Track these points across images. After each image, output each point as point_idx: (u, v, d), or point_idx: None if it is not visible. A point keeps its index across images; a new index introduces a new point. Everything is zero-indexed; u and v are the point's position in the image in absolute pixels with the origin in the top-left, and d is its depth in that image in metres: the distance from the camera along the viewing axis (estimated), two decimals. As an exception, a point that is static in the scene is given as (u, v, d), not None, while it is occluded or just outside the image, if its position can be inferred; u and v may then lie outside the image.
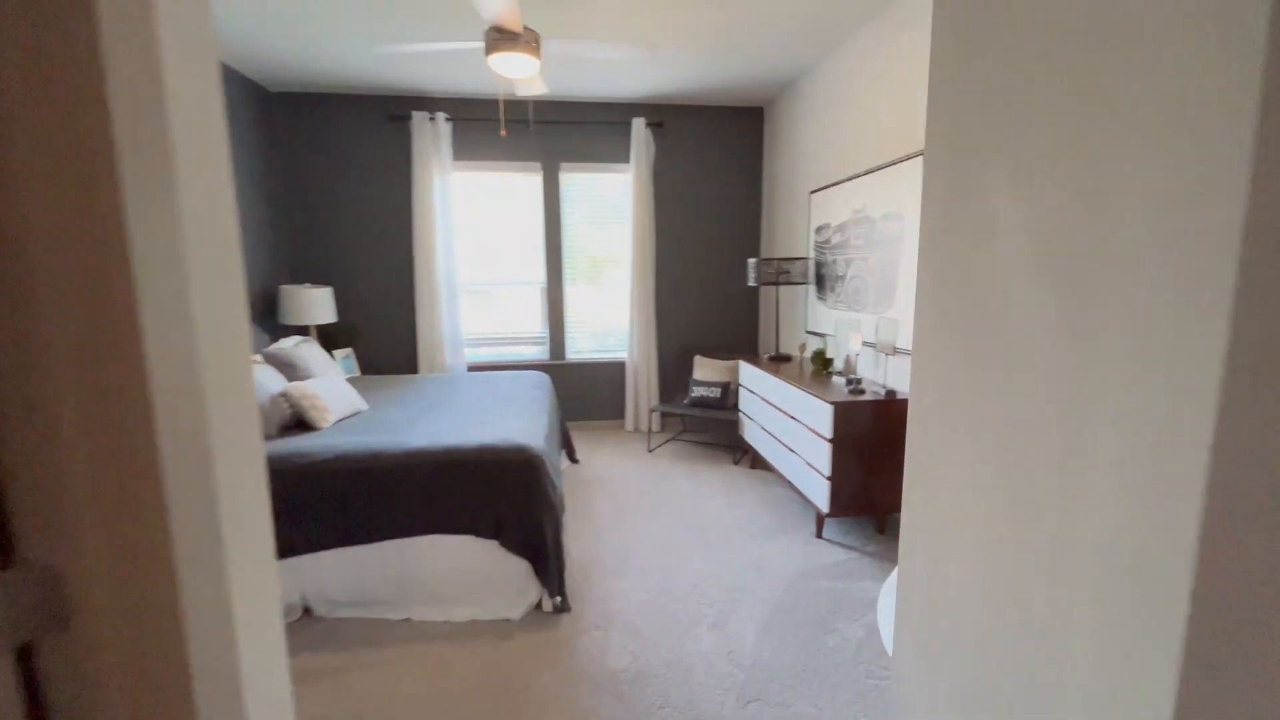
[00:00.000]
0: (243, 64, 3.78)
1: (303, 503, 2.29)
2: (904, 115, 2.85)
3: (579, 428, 5.02)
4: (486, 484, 2.36)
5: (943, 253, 1.00)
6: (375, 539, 2.33)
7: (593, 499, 3.54)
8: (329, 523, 2.31)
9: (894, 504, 2.86)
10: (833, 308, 3.63)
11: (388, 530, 2.33)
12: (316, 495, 2.30)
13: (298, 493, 2.29)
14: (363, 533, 2.33)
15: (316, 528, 2.30)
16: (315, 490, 2.30)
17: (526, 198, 4.74)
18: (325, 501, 2.31)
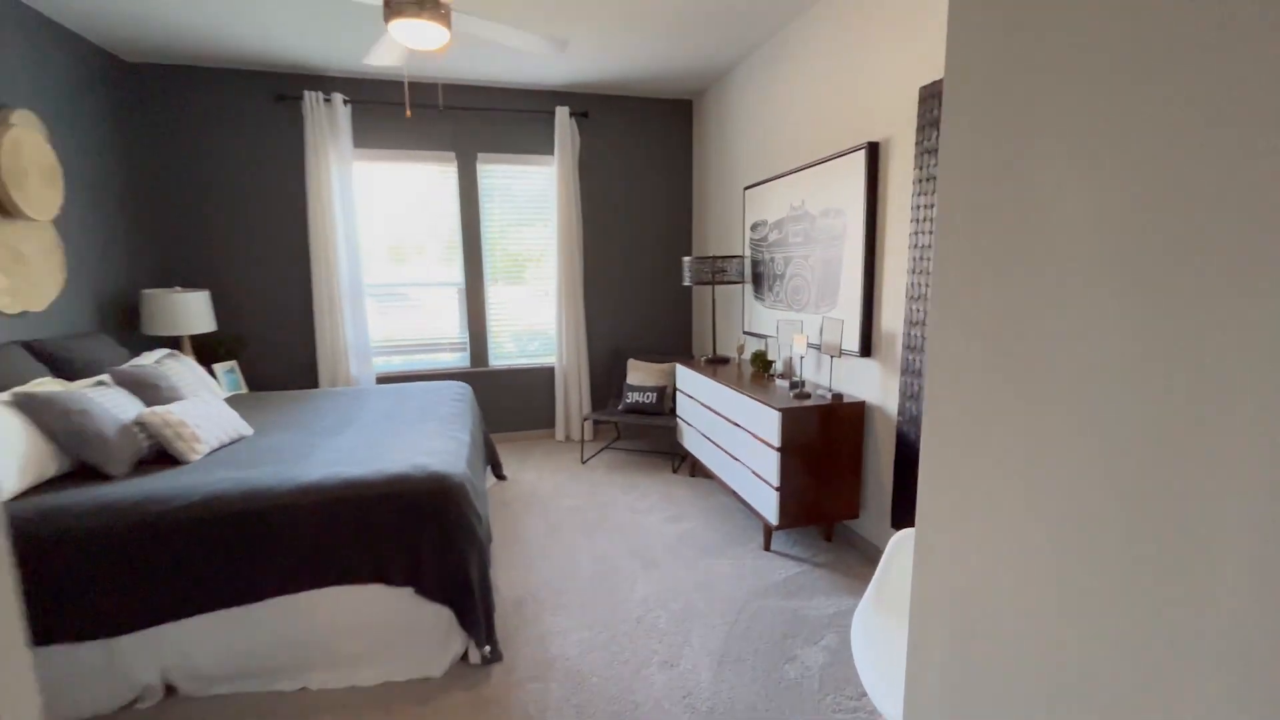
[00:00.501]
0: (87, 26, 3.15)
1: (161, 560, 1.85)
2: (845, 107, 2.74)
3: (505, 440, 4.67)
4: (397, 522, 2.02)
5: (967, 241, 0.80)
6: (260, 597, 1.93)
7: (523, 520, 3.23)
8: (199, 582, 1.89)
9: (842, 512, 2.76)
10: (771, 308, 3.51)
11: (275, 585, 1.94)
12: (181, 549, 1.87)
13: (154, 548, 1.85)
14: (243, 590, 1.92)
15: (182, 589, 1.87)
16: (179, 543, 1.87)
17: (440, 191, 4.33)
18: (193, 556, 1.88)
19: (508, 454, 4.37)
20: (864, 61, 2.59)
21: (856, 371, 2.77)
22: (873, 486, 2.71)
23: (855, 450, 2.72)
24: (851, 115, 2.70)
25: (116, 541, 1.82)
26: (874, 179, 2.55)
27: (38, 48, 2.90)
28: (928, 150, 2.21)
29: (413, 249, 4.37)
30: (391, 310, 4.40)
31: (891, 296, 2.51)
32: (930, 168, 2.20)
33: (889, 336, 2.54)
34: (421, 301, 4.46)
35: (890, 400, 2.55)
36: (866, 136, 2.60)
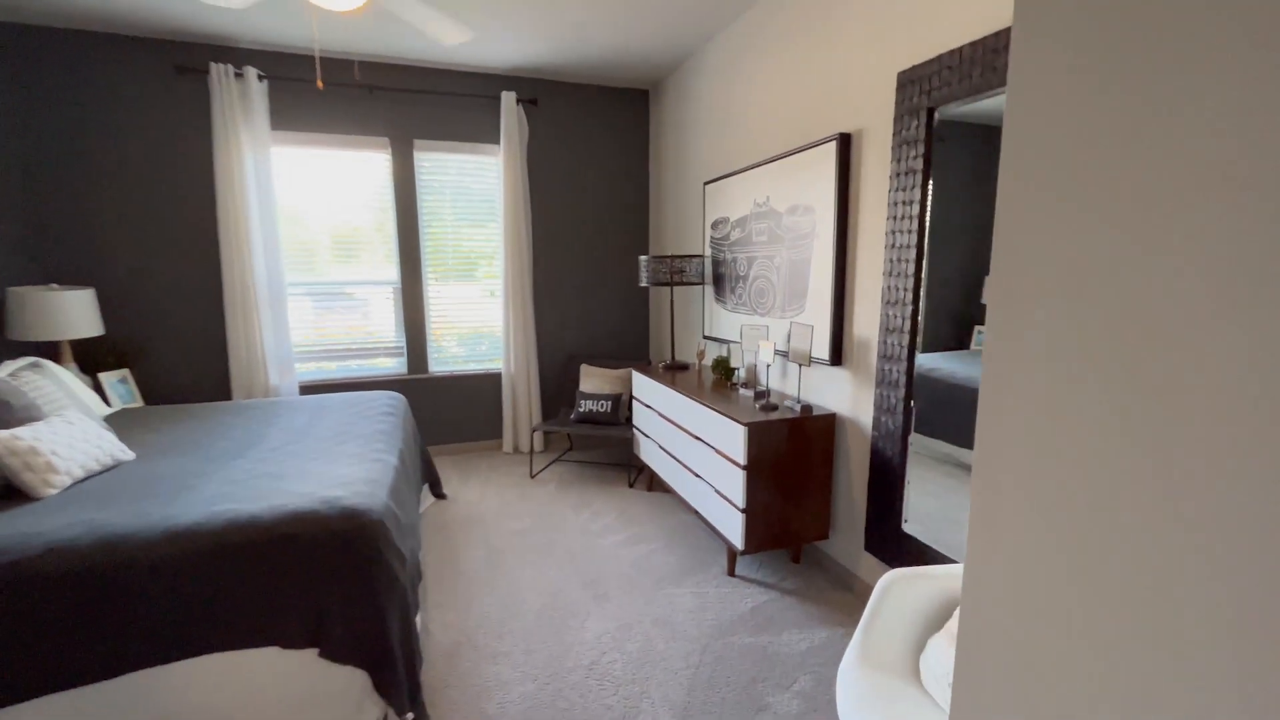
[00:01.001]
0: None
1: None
2: (815, 96, 2.54)
3: (446, 453, 4.30)
4: (299, 571, 1.68)
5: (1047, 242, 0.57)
6: (120, 670, 1.56)
7: (462, 547, 2.90)
8: (43, 655, 1.50)
9: (811, 533, 2.55)
10: (734, 311, 3.29)
11: (141, 655, 1.57)
12: (18, 615, 1.48)
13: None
14: (100, 664, 1.55)
15: (21, 665, 1.49)
16: (16, 607, 1.48)
17: (373, 180, 3.93)
18: (34, 623, 1.50)
19: (449, 468, 4.02)
20: (836, 46, 2.39)
21: (826, 381, 2.57)
22: (844, 506, 2.52)
23: (825, 466, 2.52)
24: (821, 104, 2.50)
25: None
26: (845, 173, 2.36)
27: None
28: (906, 141, 2.02)
29: (342, 244, 3.95)
30: (318, 311, 3.98)
31: (865, 301, 2.31)
32: (910, 160, 2.00)
33: (862, 344, 2.35)
34: (353, 302, 4.05)
35: (864, 413, 2.36)
36: (838, 127, 2.40)
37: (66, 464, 2.00)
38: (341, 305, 4.02)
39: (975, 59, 1.75)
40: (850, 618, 2.31)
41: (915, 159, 1.98)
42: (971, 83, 1.77)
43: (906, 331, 2.06)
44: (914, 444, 2.12)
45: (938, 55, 1.88)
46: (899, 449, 2.14)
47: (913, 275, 2.02)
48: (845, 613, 2.34)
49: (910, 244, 2.02)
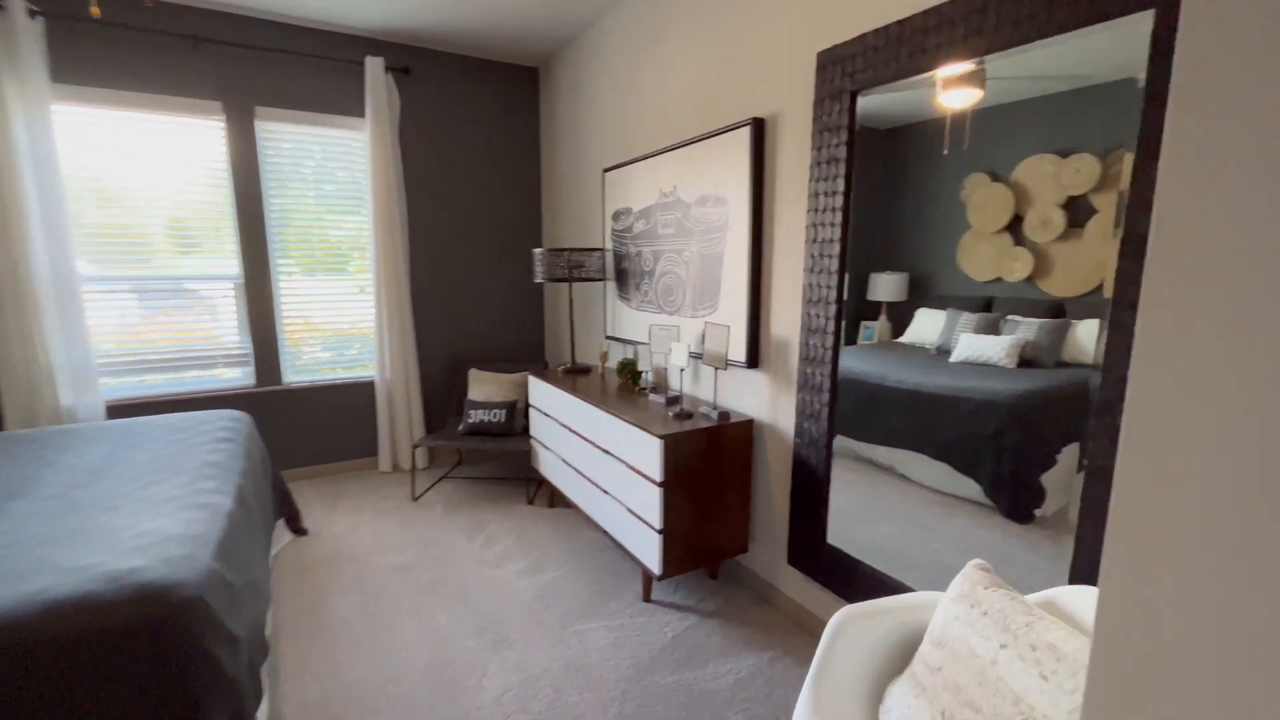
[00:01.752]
0: None
1: None
2: (726, 77, 2.35)
3: (311, 476, 3.70)
4: (68, 685, 1.20)
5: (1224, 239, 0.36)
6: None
7: (329, 593, 2.42)
8: None
9: (731, 547, 2.38)
10: (640, 309, 3.06)
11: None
12: None
13: None
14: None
15: None
16: None
17: (203, 152, 3.24)
18: None
19: (311, 496, 3.44)
20: (748, 23, 2.20)
21: (743, 384, 2.41)
22: (764, 516, 2.37)
23: (744, 476, 2.36)
24: (733, 86, 2.31)
25: None
26: (760, 161, 2.19)
27: None
28: (828, 128, 1.87)
29: (165, 230, 3.22)
30: (137, 313, 3.21)
31: (784, 299, 2.16)
32: (832, 148, 1.86)
33: (781, 346, 2.20)
34: (184, 301, 3.32)
35: (784, 418, 2.22)
36: (751, 111, 2.22)
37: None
38: (169, 305, 3.28)
39: (903, 39, 1.62)
40: (774, 637, 2.16)
41: (838, 146, 1.84)
42: (899, 65, 1.64)
43: (831, 332, 1.93)
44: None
45: (861, 35, 1.74)
46: (823, 457, 2.01)
47: (837, 272, 1.89)
48: (769, 632, 2.19)
49: (834, 238, 1.89)
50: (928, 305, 1.69)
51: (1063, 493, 1.43)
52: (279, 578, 2.54)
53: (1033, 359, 1.48)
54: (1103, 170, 1.29)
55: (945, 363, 1.65)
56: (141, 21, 2.98)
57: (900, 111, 1.70)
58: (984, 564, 1.22)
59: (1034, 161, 1.41)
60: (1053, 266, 1.40)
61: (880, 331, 1.82)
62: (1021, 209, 1.44)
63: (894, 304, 1.77)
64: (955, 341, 1.63)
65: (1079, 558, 1.35)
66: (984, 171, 1.51)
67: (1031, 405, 1.49)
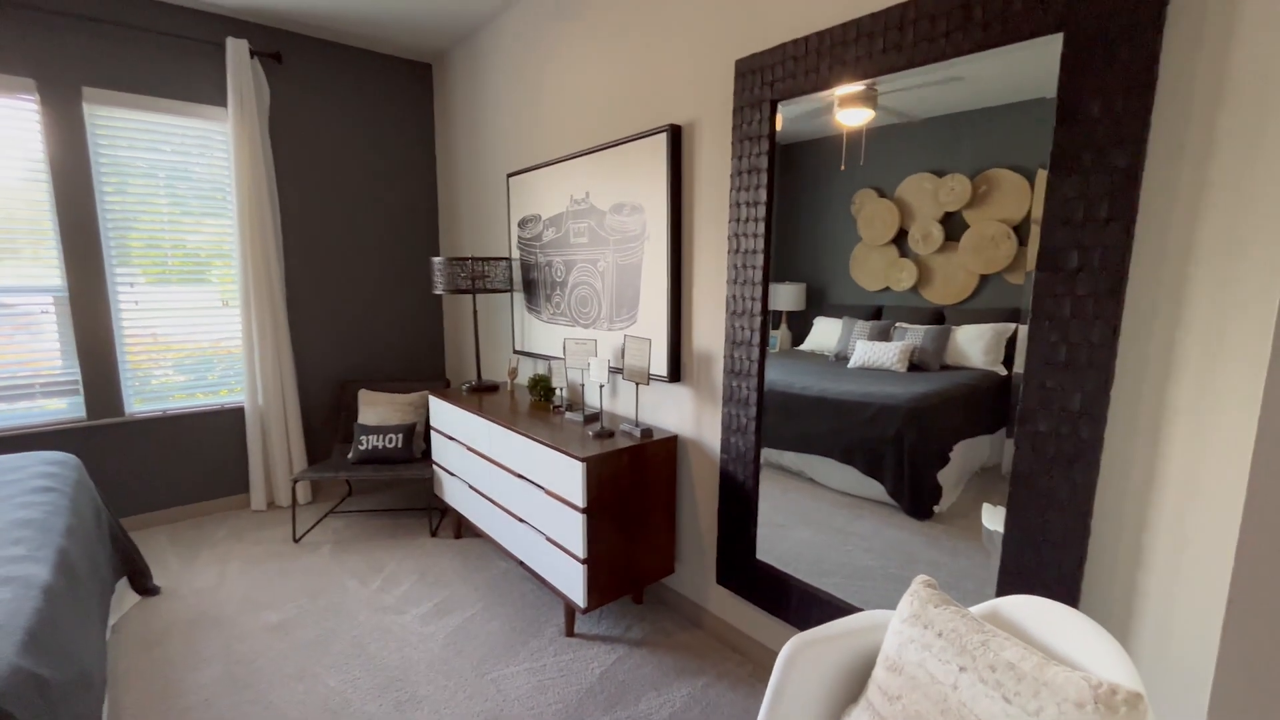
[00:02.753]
0: None
1: None
2: (640, 80, 2.26)
3: (163, 521, 3.16)
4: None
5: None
6: None
7: (185, 666, 2.03)
8: None
9: (657, 570, 2.28)
10: (551, 322, 2.89)
11: None
12: None
13: None
14: None
15: None
16: None
17: (11, 139, 2.67)
18: None
19: (169, 543, 2.92)
20: (664, 27, 2.14)
21: (664, 399, 2.32)
22: (689, 535, 2.30)
23: (669, 495, 2.27)
24: (649, 92, 2.23)
25: None
26: (678, 169, 2.12)
27: None
28: (748, 136, 1.84)
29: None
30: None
31: (707, 311, 2.11)
32: (753, 157, 1.83)
33: (704, 358, 2.14)
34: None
35: (709, 434, 2.15)
36: (668, 118, 2.15)
37: None
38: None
39: (822, 51, 1.61)
40: (706, 661, 2.08)
41: (759, 156, 1.81)
42: (818, 76, 1.63)
43: (756, 345, 1.89)
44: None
45: (781, 44, 1.72)
46: (751, 472, 1.96)
47: (760, 283, 1.86)
48: (700, 656, 2.11)
49: (756, 249, 1.85)
50: (824, 314, 1.74)
51: (956, 488, 1.51)
52: (122, 653, 2.10)
53: (920, 363, 1.57)
54: (972, 190, 1.40)
55: (845, 369, 1.70)
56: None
57: (802, 128, 1.73)
58: (930, 580, 1.20)
59: (915, 180, 1.50)
60: (934, 276, 1.50)
61: (782, 340, 1.84)
62: (905, 223, 1.53)
63: (793, 313, 1.80)
64: (852, 348, 1.68)
65: (1007, 561, 1.38)
66: (873, 187, 1.57)
67: (925, 407, 1.56)
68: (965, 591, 1.48)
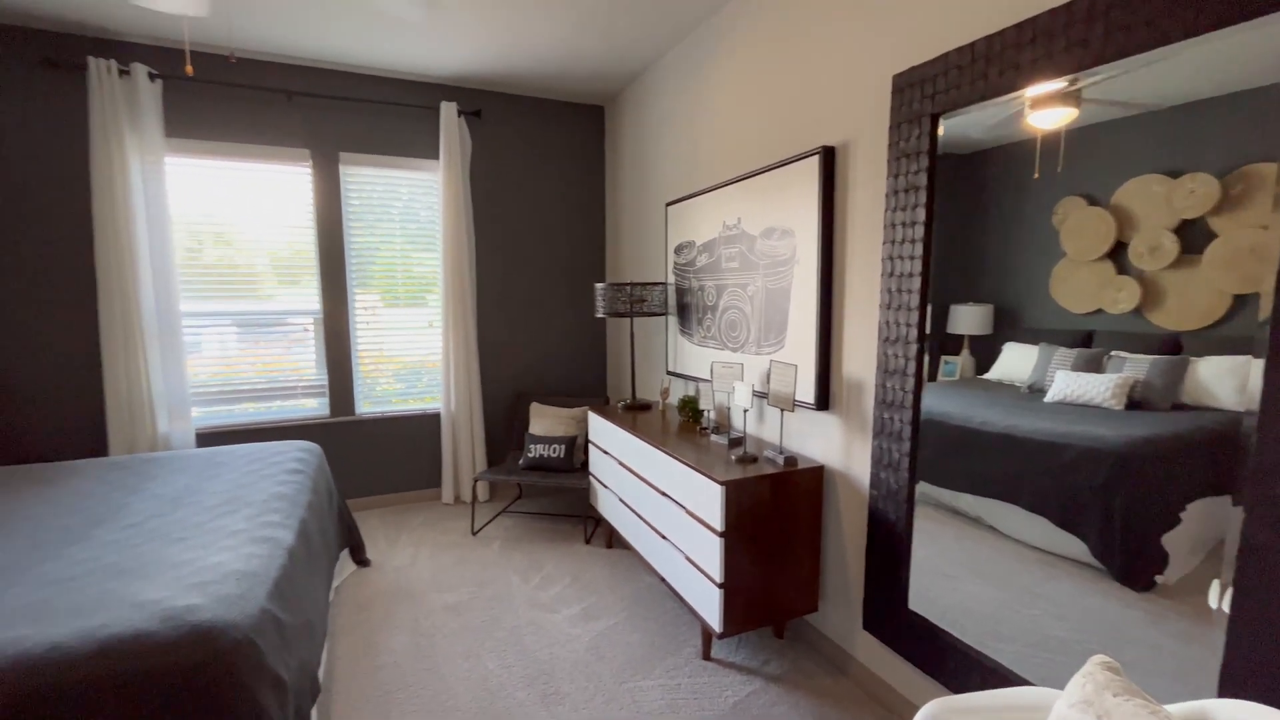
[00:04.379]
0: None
1: None
2: (792, 105, 2.26)
3: (378, 505, 3.78)
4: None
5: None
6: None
7: (383, 631, 2.40)
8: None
9: (798, 605, 2.19)
10: (702, 345, 2.95)
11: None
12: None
13: None
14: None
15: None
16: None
17: (292, 197, 3.46)
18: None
19: (377, 525, 3.49)
20: (817, 49, 2.11)
21: (811, 428, 2.24)
22: (835, 573, 2.17)
23: (813, 528, 2.17)
24: (801, 115, 2.21)
25: None
26: (830, 191, 2.06)
27: None
28: (905, 154, 1.73)
29: (255, 267, 3.44)
30: (226, 346, 3.43)
31: (858, 337, 2.00)
32: (910, 175, 1.72)
33: (855, 387, 2.03)
34: (270, 334, 3.52)
35: (858, 467, 2.03)
36: (820, 140, 2.11)
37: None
38: (255, 338, 3.49)
39: (992, 56, 1.48)
40: (847, 712, 1.94)
41: (917, 174, 1.70)
42: (987, 84, 1.49)
43: (911, 374, 1.75)
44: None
45: (944, 53, 1.60)
46: (904, 512, 1.81)
47: (917, 308, 1.72)
48: (841, 705, 1.97)
49: (913, 272, 1.73)
50: (1017, 339, 1.51)
51: (1190, 557, 1.21)
52: (339, 611, 2.56)
53: (1144, 400, 1.28)
54: (1222, 191, 1.13)
55: (1039, 403, 1.46)
56: (242, 79, 3.24)
57: (982, 135, 1.55)
58: (1110, 662, 1.01)
59: (1139, 183, 1.25)
60: (1164, 296, 1.23)
61: (962, 367, 1.65)
62: (1125, 234, 1.29)
63: (977, 337, 1.60)
64: (1050, 379, 1.44)
65: (1232, 656, 1.11)
66: (1080, 194, 1.35)
67: (1146, 454, 1.28)
68: (1186, 688, 1.21)
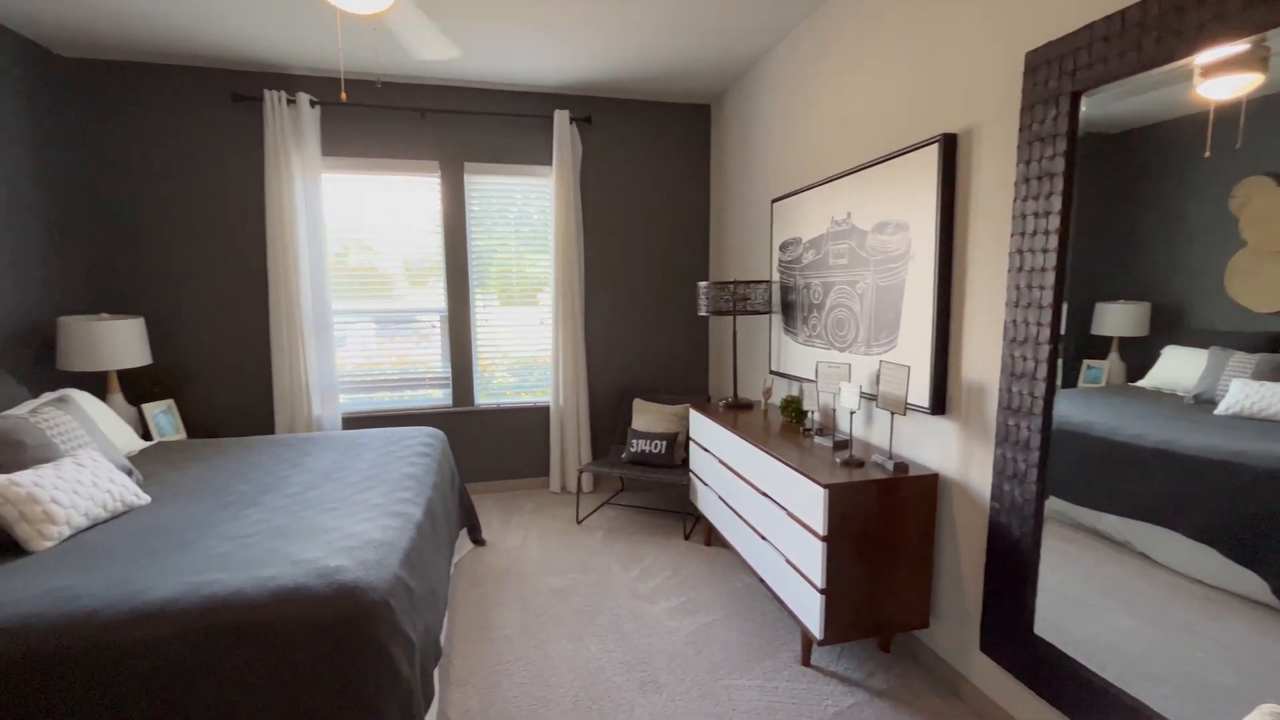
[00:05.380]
0: (11, 13, 2.68)
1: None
2: (909, 91, 2.14)
3: (493, 490, 4.05)
4: (282, 663, 1.40)
5: None
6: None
7: (496, 607, 2.59)
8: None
9: (907, 619, 2.08)
10: (807, 344, 2.88)
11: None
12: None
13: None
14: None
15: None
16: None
17: (422, 204, 3.80)
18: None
19: (493, 507, 3.75)
20: (938, 30, 1.99)
21: (925, 433, 2.12)
22: (948, 588, 2.04)
23: (925, 539, 2.05)
24: (917, 102, 2.09)
25: None
26: (951, 181, 1.94)
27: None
28: (1039, 138, 1.59)
29: (392, 270, 3.82)
30: (367, 340, 3.84)
31: (980, 337, 1.87)
32: (1044, 161, 1.57)
33: (976, 391, 1.89)
34: (402, 330, 3.89)
35: (977, 476, 1.89)
36: (940, 127, 1.99)
37: (67, 512, 1.83)
38: (390, 334, 3.88)
39: (1148, 22, 1.32)
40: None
41: (1053, 159, 1.55)
42: (1141, 54, 1.33)
43: (1042, 378, 1.61)
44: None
45: (1088, 24, 1.45)
46: (1030, 529, 1.66)
47: (1050, 306, 1.58)
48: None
49: (1046, 266, 1.58)
50: (1179, 341, 1.33)
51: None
52: (457, 585, 2.79)
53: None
54: None
55: (1208, 415, 1.28)
56: (384, 100, 3.60)
57: (1134, 110, 1.38)
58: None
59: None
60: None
61: (1110, 372, 1.48)
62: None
63: (1129, 339, 1.43)
64: (1223, 388, 1.25)
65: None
66: (1267, 175, 1.16)
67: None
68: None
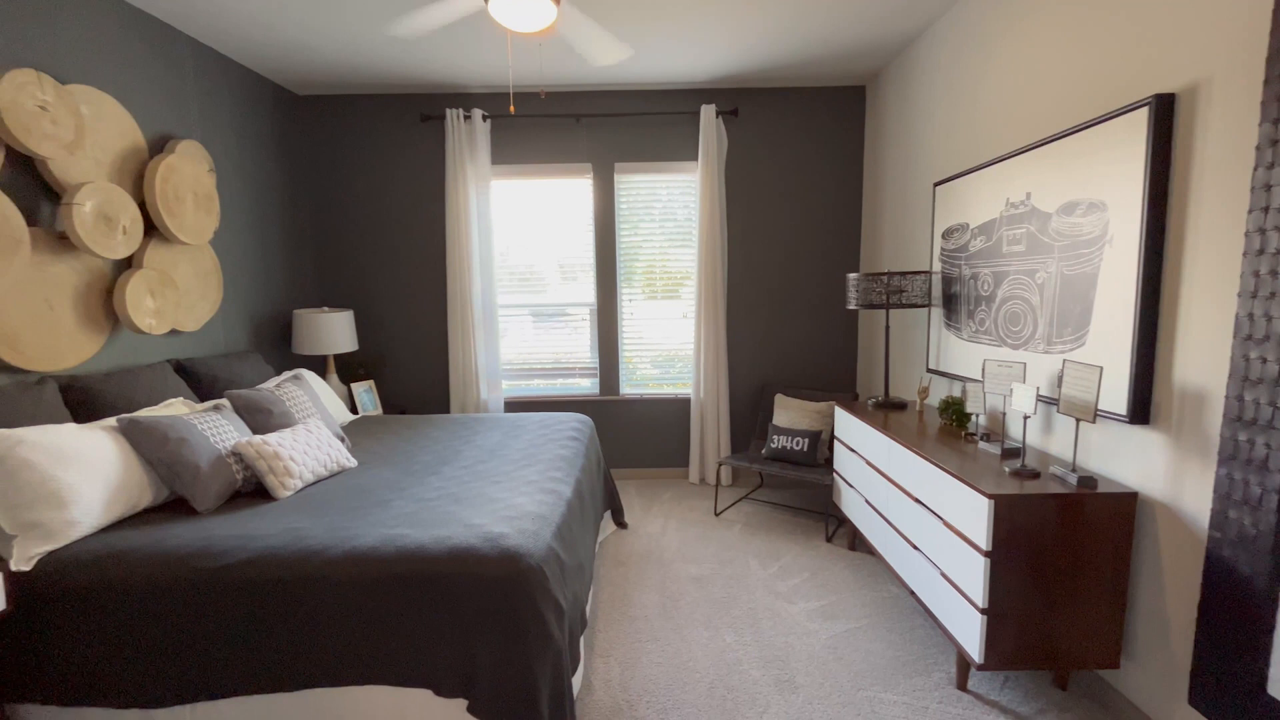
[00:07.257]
0: (262, 64, 3.34)
1: (204, 626, 1.62)
2: (1107, 47, 1.86)
3: (634, 476, 4.22)
4: (452, 612, 1.60)
5: None
6: (296, 685, 1.63)
7: (636, 588, 2.70)
8: (235, 658, 1.63)
9: (1090, 656, 1.82)
10: (972, 340, 2.62)
11: (312, 674, 1.62)
12: (225, 617, 1.63)
13: (199, 611, 1.62)
14: (281, 674, 1.63)
15: (218, 664, 1.63)
16: (225, 610, 1.63)
17: (576, 204, 4.04)
18: (233, 625, 1.63)
19: (635, 493, 3.91)
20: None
21: (1120, 444, 1.83)
22: (1147, 625, 1.75)
23: (1118, 567, 1.78)
24: (1120, 60, 1.80)
25: (164, 602, 1.63)
26: (1164, 150, 1.65)
27: (211, 82, 3.08)
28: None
29: (547, 267, 4.13)
30: (525, 331, 4.20)
31: (1200, 334, 1.57)
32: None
33: (1192, 397, 1.60)
34: (556, 323, 4.20)
35: (1191, 499, 1.60)
36: (1150, 87, 1.70)
37: (300, 469, 2.25)
38: (545, 326, 4.19)
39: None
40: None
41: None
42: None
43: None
44: None
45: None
46: (1265, 567, 1.38)
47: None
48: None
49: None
50: None
51: None
52: (601, 563, 2.96)
53: None
54: None
55: None
56: (545, 109, 3.89)
57: None
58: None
59: None
60: None
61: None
62: None
63: None
64: None
65: None
66: None
67: None
68: None
